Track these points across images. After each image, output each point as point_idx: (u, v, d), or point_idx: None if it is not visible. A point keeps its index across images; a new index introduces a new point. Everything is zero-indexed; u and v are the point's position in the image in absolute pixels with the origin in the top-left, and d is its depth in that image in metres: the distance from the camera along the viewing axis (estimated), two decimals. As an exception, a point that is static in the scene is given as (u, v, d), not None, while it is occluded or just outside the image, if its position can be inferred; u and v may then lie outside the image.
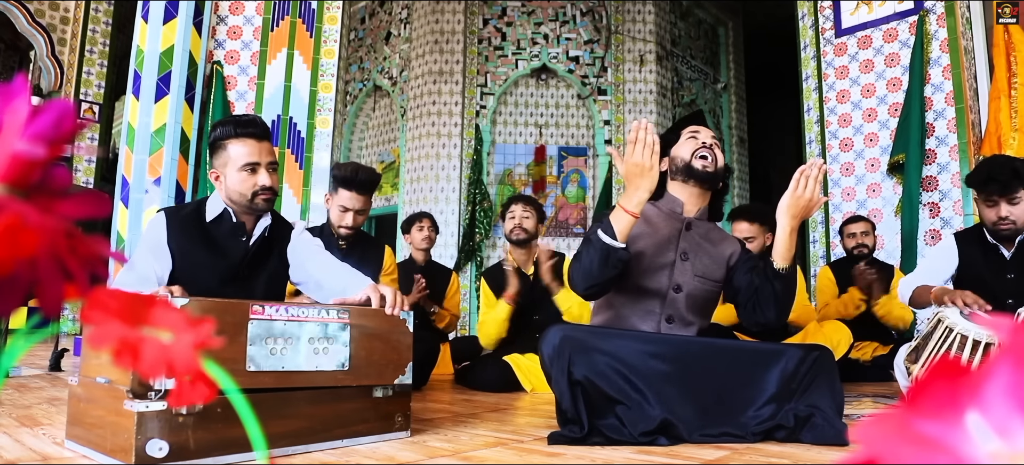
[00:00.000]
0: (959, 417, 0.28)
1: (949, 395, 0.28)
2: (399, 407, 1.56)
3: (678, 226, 1.77)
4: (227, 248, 1.75)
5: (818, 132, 4.21)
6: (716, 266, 1.78)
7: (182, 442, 1.24)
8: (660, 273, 1.73)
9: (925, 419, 0.28)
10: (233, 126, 1.71)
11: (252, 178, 1.68)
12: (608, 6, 6.32)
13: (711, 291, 1.78)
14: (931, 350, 2.08)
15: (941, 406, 0.28)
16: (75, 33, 5.48)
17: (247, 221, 1.77)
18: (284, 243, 1.84)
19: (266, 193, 1.70)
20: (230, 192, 1.70)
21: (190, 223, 1.74)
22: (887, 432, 0.28)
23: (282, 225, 1.87)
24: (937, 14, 3.79)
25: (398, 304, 1.52)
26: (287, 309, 1.39)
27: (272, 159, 1.74)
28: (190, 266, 1.70)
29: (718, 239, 1.82)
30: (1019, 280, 2.31)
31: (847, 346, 2.71)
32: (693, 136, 1.78)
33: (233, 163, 1.68)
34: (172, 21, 3.54)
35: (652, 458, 1.37)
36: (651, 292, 1.72)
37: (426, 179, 6.01)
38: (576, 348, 1.51)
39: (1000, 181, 2.25)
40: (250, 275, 1.79)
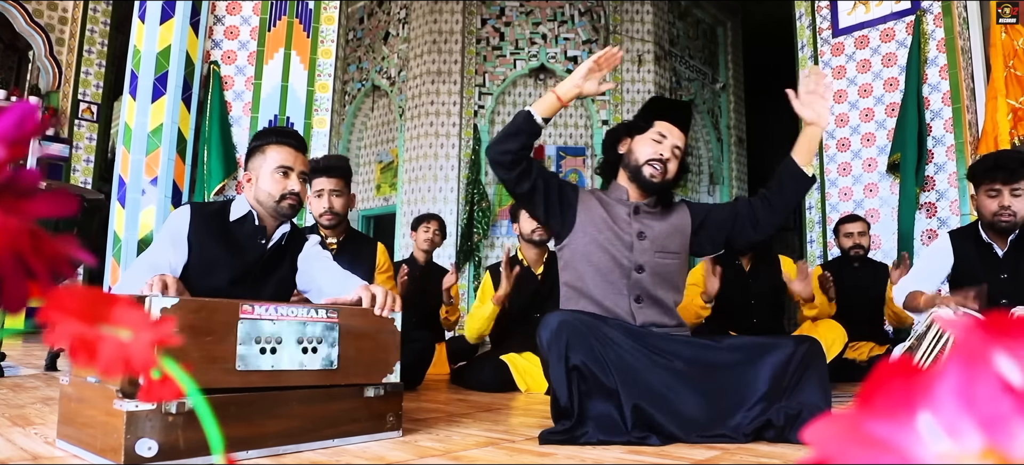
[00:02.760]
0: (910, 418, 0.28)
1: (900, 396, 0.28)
2: (391, 407, 1.57)
3: (628, 210, 1.82)
4: (245, 248, 1.79)
5: (815, 132, 4.21)
6: (674, 238, 1.82)
7: (172, 442, 1.24)
8: (620, 255, 1.77)
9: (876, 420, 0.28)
10: (275, 134, 1.80)
11: (284, 181, 1.75)
12: (606, 6, 6.32)
13: (673, 264, 1.82)
14: (925, 351, 2.08)
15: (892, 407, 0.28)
16: (73, 33, 5.48)
17: (269, 226, 1.82)
18: (297, 251, 1.87)
19: (293, 198, 1.77)
20: (259, 193, 1.77)
21: (214, 219, 1.79)
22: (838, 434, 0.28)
23: (298, 234, 1.92)
24: (934, 14, 3.79)
25: (388, 304, 1.52)
26: (276, 309, 1.40)
27: (305, 169, 1.81)
28: (205, 261, 1.74)
29: (667, 211, 1.87)
30: (1013, 279, 2.31)
31: (842, 346, 2.71)
32: (659, 139, 1.78)
33: (268, 165, 1.75)
34: (169, 21, 3.54)
35: (642, 458, 1.37)
36: (616, 275, 1.76)
37: (424, 179, 6.02)
38: (574, 333, 1.52)
39: (1007, 169, 2.24)
40: (261, 277, 1.82)
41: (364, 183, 6.87)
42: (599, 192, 1.89)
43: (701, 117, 7.07)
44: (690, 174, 6.95)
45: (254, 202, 1.79)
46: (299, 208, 1.80)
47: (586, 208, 1.83)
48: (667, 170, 1.77)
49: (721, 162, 7.18)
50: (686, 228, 1.85)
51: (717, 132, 7.19)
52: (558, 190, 1.81)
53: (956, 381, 0.27)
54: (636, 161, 1.78)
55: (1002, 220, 2.25)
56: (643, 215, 1.82)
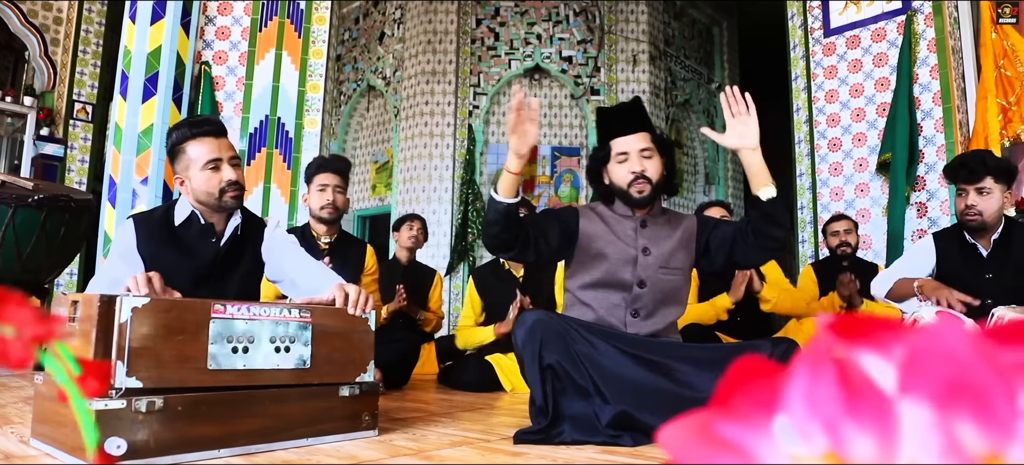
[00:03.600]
0: (762, 420, 0.28)
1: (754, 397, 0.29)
2: (366, 406, 1.57)
3: (634, 224, 1.80)
4: (197, 250, 1.75)
5: (807, 132, 4.21)
6: (678, 254, 1.80)
7: (142, 440, 1.25)
8: (623, 270, 1.76)
9: (729, 422, 0.28)
10: (188, 128, 1.72)
11: (217, 175, 1.68)
12: (601, 6, 6.33)
13: (676, 281, 1.80)
14: (906, 350, 2.08)
15: (746, 408, 0.28)
16: (69, 33, 5.49)
17: (216, 222, 1.77)
18: (257, 242, 1.84)
19: (233, 189, 1.71)
20: (197, 194, 1.71)
21: (159, 228, 1.74)
22: (690, 435, 0.28)
23: (254, 223, 1.86)
24: (925, 14, 3.78)
25: (360, 304, 1.52)
26: (248, 308, 1.40)
27: (233, 153, 1.75)
28: (162, 270, 1.70)
29: (675, 224, 1.85)
30: (997, 279, 2.31)
31: (828, 345, 2.70)
32: (623, 159, 1.75)
33: (195, 164, 1.68)
34: (159, 22, 3.55)
35: (615, 458, 1.37)
36: (616, 289, 1.75)
37: (419, 179, 6.02)
38: (549, 333, 1.53)
39: (969, 168, 2.26)
40: (223, 276, 1.79)
41: (360, 183, 6.87)
42: (601, 208, 1.86)
43: (696, 117, 7.07)
44: (687, 174, 6.95)
45: (194, 203, 1.73)
46: (242, 194, 1.74)
47: (589, 222, 1.81)
48: (651, 179, 1.74)
49: (717, 162, 7.17)
50: (692, 241, 1.83)
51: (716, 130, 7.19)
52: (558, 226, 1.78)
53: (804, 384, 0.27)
54: (620, 188, 1.76)
55: (968, 219, 2.27)
56: (650, 229, 1.80)
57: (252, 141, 3.81)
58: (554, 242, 1.75)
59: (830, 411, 0.26)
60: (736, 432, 0.28)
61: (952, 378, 0.25)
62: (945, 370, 0.25)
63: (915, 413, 0.25)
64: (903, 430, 0.25)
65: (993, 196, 2.28)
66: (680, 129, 6.96)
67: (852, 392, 0.25)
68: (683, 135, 7.01)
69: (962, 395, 0.25)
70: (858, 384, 0.25)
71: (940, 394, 0.25)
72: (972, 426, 0.25)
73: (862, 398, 0.25)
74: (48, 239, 2.54)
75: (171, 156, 1.76)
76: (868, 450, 0.25)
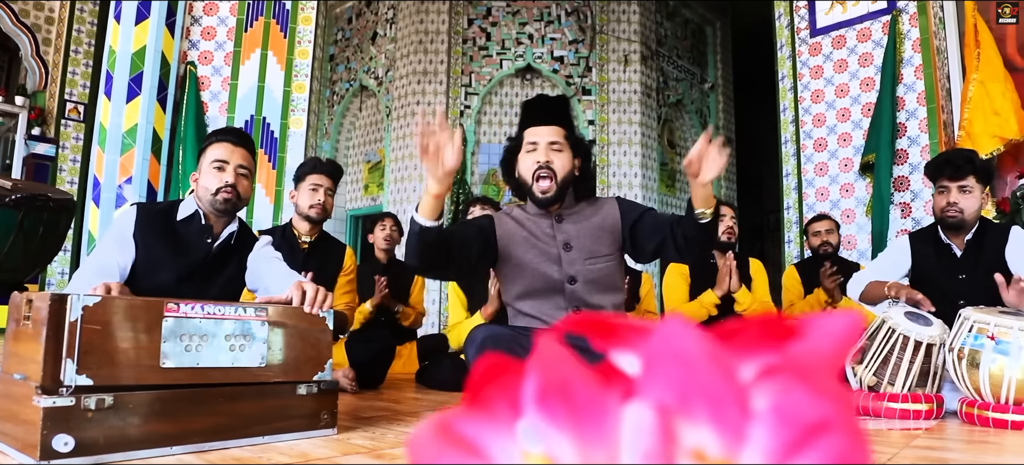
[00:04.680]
0: (501, 419, 0.29)
1: (494, 396, 0.29)
2: (325, 405, 1.58)
3: (550, 221, 1.77)
4: (191, 247, 1.81)
5: (793, 132, 4.21)
6: (603, 240, 1.77)
7: (91, 438, 1.26)
8: (550, 271, 1.73)
9: (470, 421, 0.29)
10: (216, 133, 1.85)
11: (220, 175, 1.77)
12: (593, 6, 6.33)
13: (607, 267, 1.77)
14: (875, 350, 2.08)
15: (486, 407, 0.29)
16: (60, 33, 5.51)
17: (215, 224, 1.84)
18: (246, 252, 1.89)
19: (227, 191, 1.77)
20: (200, 189, 1.80)
21: (160, 219, 1.81)
22: (433, 436, 0.29)
23: (248, 236, 1.93)
24: (910, 14, 3.78)
25: (318, 302, 1.53)
26: (203, 307, 1.41)
27: (244, 164, 1.81)
28: (151, 261, 1.76)
29: (593, 212, 1.81)
30: (970, 280, 2.31)
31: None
32: (532, 148, 1.73)
33: (207, 161, 1.79)
34: (144, 22, 3.57)
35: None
36: (549, 290, 1.74)
37: (410, 179, 6.03)
38: (497, 345, 1.53)
39: (954, 165, 2.26)
40: (209, 276, 1.84)
41: (352, 183, 6.89)
42: (516, 210, 1.83)
43: (689, 117, 7.07)
44: (680, 174, 6.94)
45: (198, 201, 1.82)
46: (236, 201, 1.79)
47: (505, 231, 1.79)
48: (556, 172, 1.70)
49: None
50: (616, 226, 1.80)
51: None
52: (477, 234, 1.75)
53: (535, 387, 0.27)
54: (525, 182, 1.73)
55: (949, 216, 2.26)
56: (567, 223, 1.77)
57: (237, 141, 3.83)
58: (475, 252, 1.72)
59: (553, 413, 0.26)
60: (476, 431, 0.28)
61: (684, 381, 0.25)
62: (678, 373, 0.25)
63: (638, 415, 0.25)
64: (622, 432, 0.25)
65: (974, 195, 2.28)
66: (673, 129, 6.96)
67: (572, 395, 0.26)
68: (676, 135, 7.01)
69: (694, 398, 0.25)
70: (581, 386, 0.26)
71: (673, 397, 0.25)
72: (705, 428, 0.25)
73: (583, 400, 0.25)
74: (26, 238, 2.55)
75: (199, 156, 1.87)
76: (585, 452, 0.25)
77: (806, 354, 0.26)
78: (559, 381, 0.25)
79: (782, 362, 0.26)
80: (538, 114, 1.76)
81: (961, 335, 1.90)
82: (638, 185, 6.14)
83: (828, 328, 0.27)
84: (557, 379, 0.25)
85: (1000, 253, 2.29)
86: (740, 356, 0.26)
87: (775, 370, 0.26)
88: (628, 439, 0.24)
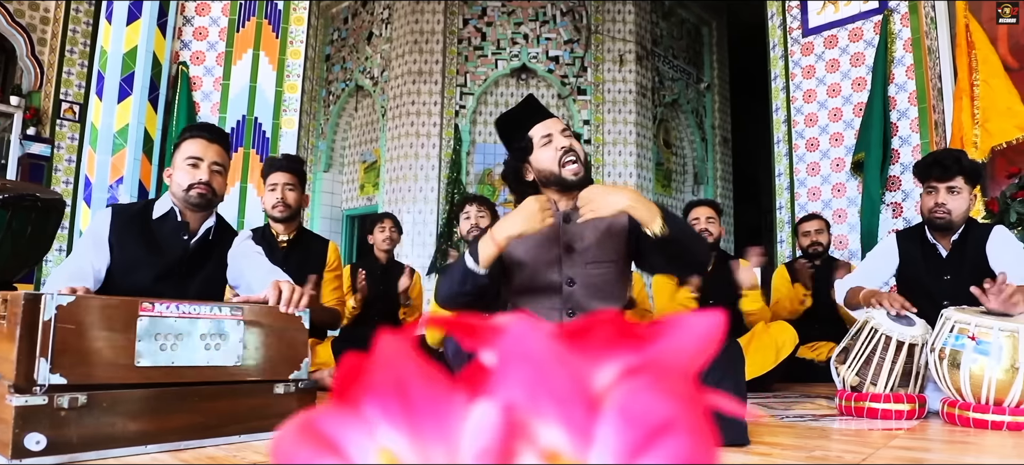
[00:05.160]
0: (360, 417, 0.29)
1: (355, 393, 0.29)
2: (302, 403, 1.58)
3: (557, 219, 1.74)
4: (168, 246, 1.81)
5: (785, 132, 4.21)
6: (607, 245, 1.74)
7: (63, 436, 1.26)
8: (550, 271, 1.71)
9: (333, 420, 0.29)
10: (190, 130, 1.85)
11: (193, 171, 1.78)
12: (588, 6, 6.33)
13: (608, 273, 1.74)
14: (858, 350, 2.08)
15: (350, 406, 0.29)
16: (55, 33, 5.52)
17: (192, 221, 1.84)
18: (226, 247, 1.88)
19: (201, 187, 1.77)
20: (173, 186, 1.80)
21: (136, 219, 1.81)
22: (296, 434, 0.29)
23: (226, 230, 1.93)
24: (901, 14, 3.78)
25: (294, 301, 1.53)
26: (178, 306, 1.41)
27: (218, 160, 1.82)
28: (128, 262, 1.76)
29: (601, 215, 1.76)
30: (955, 281, 2.31)
31: (792, 346, 2.71)
32: (547, 140, 1.70)
33: (180, 157, 1.79)
34: (136, 22, 3.57)
35: (543, 455, 1.38)
36: (547, 291, 1.72)
37: (405, 179, 6.04)
38: None
39: (942, 165, 2.26)
40: (187, 274, 1.83)
41: (348, 183, 6.90)
42: None
43: (685, 117, 7.07)
44: (675, 174, 6.94)
45: (173, 198, 1.82)
46: (210, 197, 1.80)
47: None
48: (578, 155, 1.70)
49: (705, 162, 7.17)
50: (623, 232, 1.77)
51: (701, 132, 7.19)
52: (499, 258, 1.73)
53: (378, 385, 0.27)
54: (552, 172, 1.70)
55: (937, 217, 2.26)
56: (574, 223, 1.74)
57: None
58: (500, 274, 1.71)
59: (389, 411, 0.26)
60: (337, 430, 0.28)
61: (532, 380, 0.26)
62: (526, 373, 0.26)
63: (482, 414, 0.25)
64: (463, 431, 0.25)
65: (962, 196, 2.28)
66: (668, 129, 6.96)
67: (409, 392, 0.26)
68: (672, 135, 7.01)
69: (543, 397, 0.25)
70: (418, 384, 0.26)
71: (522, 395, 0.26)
72: (555, 428, 0.25)
73: (421, 398, 0.26)
74: (14, 238, 2.55)
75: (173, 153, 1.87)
76: (422, 450, 0.26)
77: (667, 355, 0.26)
78: (396, 379, 0.25)
79: (642, 363, 0.26)
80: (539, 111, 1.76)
81: (942, 335, 1.90)
82: (633, 185, 6.13)
83: (690, 329, 0.27)
84: (394, 377, 0.26)
85: (983, 252, 2.29)
86: (598, 356, 0.26)
87: (634, 371, 0.26)
88: (468, 437, 0.24)
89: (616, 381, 0.26)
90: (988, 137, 3.42)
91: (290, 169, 2.62)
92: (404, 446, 0.26)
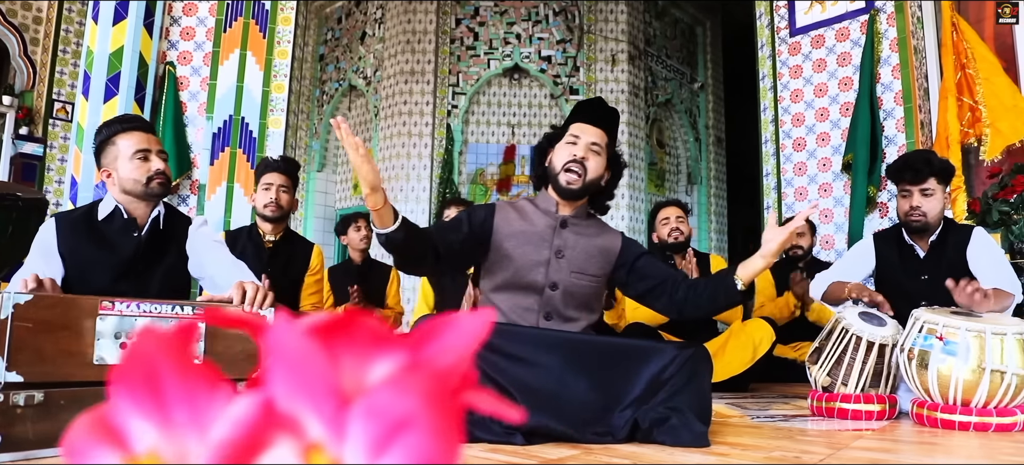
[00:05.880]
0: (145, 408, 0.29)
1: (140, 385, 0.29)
2: (266, 403, 1.59)
3: (553, 223, 1.77)
4: (119, 244, 1.79)
5: (773, 131, 4.21)
6: (594, 261, 1.77)
7: (20, 433, 1.27)
8: (535, 271, 1.72)
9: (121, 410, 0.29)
10: (118, 124, 1.82)
11: (145, 165, 1.77)
12: (581, 6, 6.33)
13: (589, 286, 1.77)
14: (829, 351, 2.08)
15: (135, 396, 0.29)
16: (48, 33, 5.54)
17: (139, 215, 1.82)
18: (181, 238, 1.87)
19: (160, 178, 1.80)
20: (123, 183, 1.78)
21: (81, 224, 1.79)
22: (90, 429, 0.29)
23: (177, 218, 1.91)
24: (887, 13, 3.77)
25: (258, 301, 1.54)
26: (139, 305, 1.42)
27: (161, 148, 1.85)
28: (82, 266, 1.75)
29: (596, 233, 1.81)
30: (932, 282, 2.31)
31: (769, 344, 2.71)
32: (573, 141, 1.73)
33: (124, 155, 1.77)
34: (122, 22, 3.59)
35: (502, 457, 1.38)
36: (528, 290, 1.73)
37: (397, 178, 6.04)
38: None
39: (914, 168, 2.26)
40: (145, 270, 1.82)
41: (342, 183, 6.91)
42: (522, 202, 1.83)
43: (678, 116, 7.06)
44: (669, 173, 6.94)
45: (120, 195, 1.79)
46: (169, 184, 1.83)
47: (504, 220, 1.78)
48: (586, 171, 1.71)
49: (699, 162, 7.16)
50: (612, 255, 1.80)
51: (695, 132, 7.18)
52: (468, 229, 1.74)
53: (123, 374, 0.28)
54: (554, 170, 1.73)
55: (912, 219, 2.26)
56: (569, 229, 1.77)
57: (216, 141, 3.84)
58: (459, 247, 1.72)
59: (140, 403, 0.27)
60: (124, 421, 0.29)
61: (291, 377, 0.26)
62: (286, 370, 0.26)
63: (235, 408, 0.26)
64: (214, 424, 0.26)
65: (935, 197, 2.28)
66: (661, 129, 6.96)
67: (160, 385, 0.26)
68: (665, 135, 7.01)
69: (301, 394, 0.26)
70: (171, 377, 0.26)
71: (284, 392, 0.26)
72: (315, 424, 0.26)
73: (173, 391, 0.26)
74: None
75: (99, 153, 1.82)
76: (170, 440, 0.26)
77: (430, 355, 0.27)
78: (148, 372, 0.26)
79: (403, 363, 0.27)
80: (590, 113, 1.77)
81: (911, 335, 1.90)
82: (625, 184, 6.13)
83: (457, 330, 0.28)
84: (147, 370, 0.26)
85: (962, 254, 2.29)
86: (359, 355, 0.27)
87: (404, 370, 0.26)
88: (216, 430, 0.25)
89: (371, 379, 0.26)
90: (1000, 137, 3.38)
91: (285, 171, 2.65)
92: (152, 435, 0.26)
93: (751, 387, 2.80)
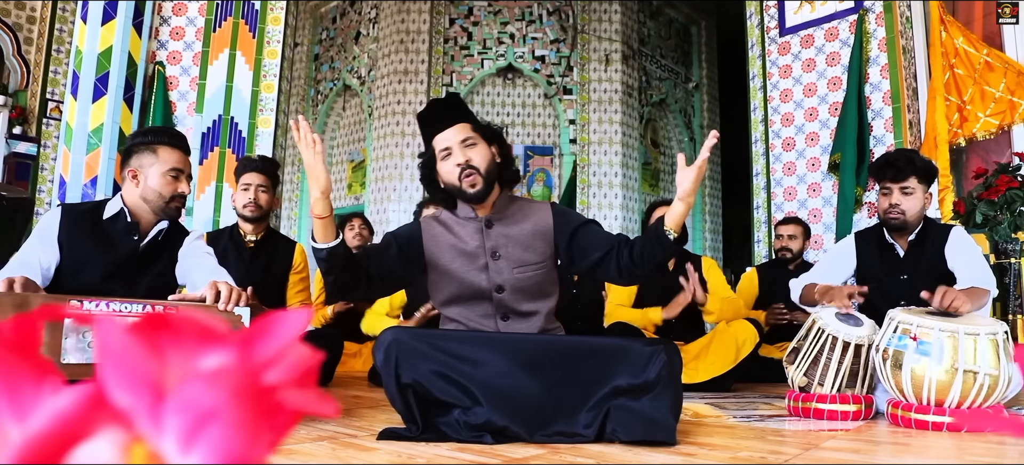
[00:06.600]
0: None
1: None
2: (238, 401, 1.59)
3: (478, 227, 1.73)
4: (117, 245, 1.84)
5: (763, 131, 4.21)
6: (532, 249, 1.73)
7: (-15, 432, 1.28)
8: (477, 279, 1.71)
9: None
10: (167, 136, 1.89)
11: (175, 184, 1.83)
12: (574, 5, 6.33)
13: (536, 275, 1.73)
14: (805, 351, 2.08)
15: None
16: (42, 32, 5.56)
17: (145, 223, 1.86)
18: (177, 247, 1.91)
19: (180, 201, 1.86)
20: (147, 192, 1.82)
21: (86, 219, 1.83)
22: None
23: (178, 231, 1.96)
24: (876, 13, 3.77)
25: (232, 300, 1.55)
26: (108, 304, 1.43)
27: (190, 173, 1.92)
28: (76, 260, 1.79)
29: (523, 217, 1.76)
30: (912, 280, 2.31)
31: (753, 345, 2.71)
32: (446, 153, 1.68)
33: (161, 165, 1.82)
34: (111, 22, 3.60)
35: (469, 456, 1.38)
36: (477, 299, 1.71)
37: (391, 178, 6.05)
38: (403, 352, 1.51)
39: (895, 167, 2.26)
40: (136, 273, 1.85)
41: (336, 182, 6.91)
42: (445, 215, 1.78)
43: (673, 116, 7.06)
44: (663, 173, 6.94)
45: (135, 200, 1.83)
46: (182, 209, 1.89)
47: (432, 237, 1.75)
48: (479, 167, 1.66)
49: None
50: (548, 233, 1.76)
51: (689, 131, 7.18)
52: (398, 249, 1.72)
53: None
54: (453, 185, 1.67)
55: (892, 217, 2.27)
56: (496, 228, 1.73)
57: (205, 140, 3.85)
58: (398, 268, 1.70)
59: None
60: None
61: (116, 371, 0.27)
62: (109, 362, 0.27)
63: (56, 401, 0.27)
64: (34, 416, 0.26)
65: (916, 196, 2.28)
66: (656, 128, 6.96)
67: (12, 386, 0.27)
68: (660, 134, 7.01)
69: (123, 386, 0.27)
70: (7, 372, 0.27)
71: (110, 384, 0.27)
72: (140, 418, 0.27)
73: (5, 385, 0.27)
74: (-20, 236, 2.59)
75: (131, 152, 1.84)
76: None
77: (249, 353, 0.27)
78: None
79: (222, 360, 0.27)
80: (438, 119, 1.72)
81: (886, 335, 1.90)
82: (619, 184, 6.14)
83: (284, 326, 0.28)
84: None
85: (941, 253, 2.29)
86: (192, 351, 0.27)
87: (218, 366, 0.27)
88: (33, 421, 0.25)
89: (187, 374, 0.27)
90: None
91: (264, 170, 2.64)
92: None
93: (734, 387, 2.80)
